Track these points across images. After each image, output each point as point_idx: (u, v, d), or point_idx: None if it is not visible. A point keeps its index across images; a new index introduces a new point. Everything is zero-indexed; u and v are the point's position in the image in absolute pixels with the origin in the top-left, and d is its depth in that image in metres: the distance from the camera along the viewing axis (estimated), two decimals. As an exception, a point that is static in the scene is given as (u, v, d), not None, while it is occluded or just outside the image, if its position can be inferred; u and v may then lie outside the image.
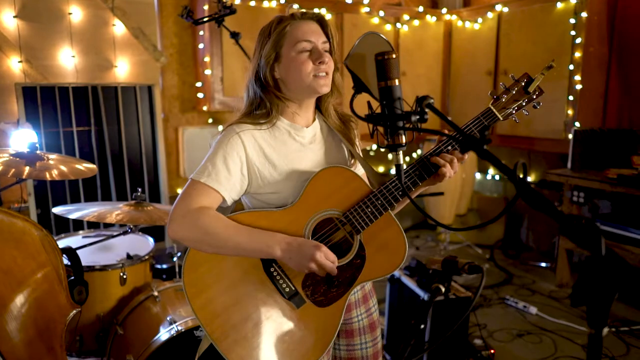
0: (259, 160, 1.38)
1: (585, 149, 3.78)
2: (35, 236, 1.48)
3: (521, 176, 0.74)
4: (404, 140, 1.16)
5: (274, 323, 1.37)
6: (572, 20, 3.87)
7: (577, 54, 3.87)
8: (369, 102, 1.19)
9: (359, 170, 1.50)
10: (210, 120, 4.35)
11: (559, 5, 3.97)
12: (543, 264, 4.39)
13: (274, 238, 1.31)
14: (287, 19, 1.39)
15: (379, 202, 1.34)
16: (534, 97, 1.44)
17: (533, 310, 3.45)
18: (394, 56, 1.14)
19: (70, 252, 1.80)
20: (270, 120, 1.40)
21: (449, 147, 1.36)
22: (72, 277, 1.78)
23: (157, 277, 3.01)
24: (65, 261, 1.79)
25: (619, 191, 3.41)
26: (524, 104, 1.44)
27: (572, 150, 3.81)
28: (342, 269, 1.37)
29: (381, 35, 1.22)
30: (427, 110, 0.96)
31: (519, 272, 4.23)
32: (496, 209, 5.01)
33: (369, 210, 1.34)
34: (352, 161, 1.51)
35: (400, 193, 1.34)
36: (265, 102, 1.40)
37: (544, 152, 4.53)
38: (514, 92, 1.43)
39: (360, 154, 1.53)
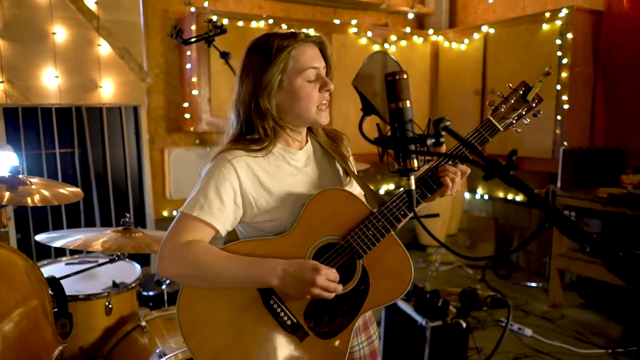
0: (254, 189, 1.31)
1: (574, 168, 3.79)
2: (20, 267, 1.39)
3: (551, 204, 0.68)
4: (416, 165, 1.11)
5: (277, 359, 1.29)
6: (558, 41, 3.91)
7: (564, 74, 3.91)
8: (378, 125, 1.14)
9: (355, 188, 1.44)
10: (197, 141, 4.27)
11: (545, 26, 4.02)
12: (534, 284, 4.36)
13: (269, 265, 1.23)
14: (289, 40, 1.30)
15: (380, 223, 1.28)
16: (534, 105, 1.39)
17: (528, 332, 3.40)
18: (405, 76, 1.09)
19: (54, 282, 1.70)
20: (266, 148, 1.32)
21: (450, 162, 1.31)
22: (56, 309, 1.67)
23: (144, 304, 2.90)
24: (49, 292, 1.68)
25: (610, 210, 3.41)
26: (523, 112, 1.39)
27: (561, 170, 3.82)
28: (345, 297, 1.30)
29: (390, 54, 1.17)
30: (443, 133, 0.90)
31: (511, 293, 4.19)
32: (486, 229, 4.99)
33: (370, 232, 1.27)
34: (348, 179, 1.45)
35: (402, 213, 1.28)
36: (259, 128, 1.32)
37: (533, 172, 4.53)
38: (512, 101, 1.38)
39: (355, 171, 1.47)
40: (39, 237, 2.03)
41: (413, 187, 1.13)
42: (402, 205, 1.27)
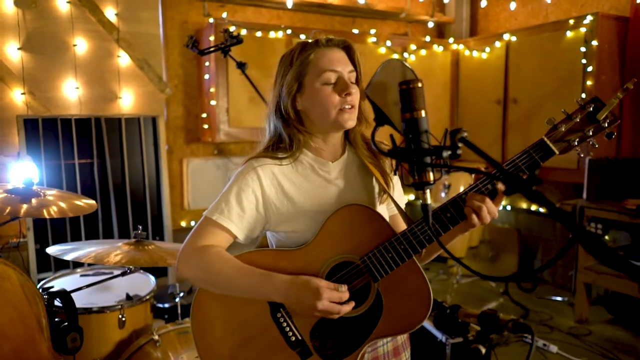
0: (277, 197, 1.29)
1: (600, 179, 3.67)
2: (15, 281, 1.37)
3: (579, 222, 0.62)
4: (432, 178, 1.04)
5: None
6: (583, 49, 3.81)
7: (589, 82, 3.80)
8: (391, 136, 1.08)
9: (391, 208, 1.38)
10: (215, 152, 4.27)
11: (569, 34, 3.92)
12: (559, 298, 4.22)
13: (275, 282, 1.20)
14: (311, 46, 1.29)
15: (402, 247, 1.19)
16: (605, 125, 1.18)
17: (554, 349, 3.27)
18: (420, 85, 1.04)
19: (64, 295, 1.68)
20: (292, 155, 1.30)
21: (489, 186, 1.17)
22: (66, 323, 1.65)
23: (159, 317, 2.88)
24: (59, 304, 1.67)
25: (638, 222, 3.28)
26: (590, 134, 1.18)
27: (587, 180, 3.69)
28: (355, 321, 1.23)
29: (405, 62, 1.12)
30: (460, 145, 0.85)
31: (535, 307, 4.06)
32: (508, 240, 4.86)
33: (390, 255, 1.20)
34: (384, 197, 1.36)
35: (427, 238, 1.17)
36: (285, 136, 1.31)
37: (556, 182, 4.41)
38: (577, 121, 1.18)
39: (399, 190, 1.40)
40: (51, 250, 2.02)
41: (429, 201, 1.07)
42: (428, 229, 1.17)
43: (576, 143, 1.18)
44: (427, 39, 4.81)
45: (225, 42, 2.49)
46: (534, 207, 4.72)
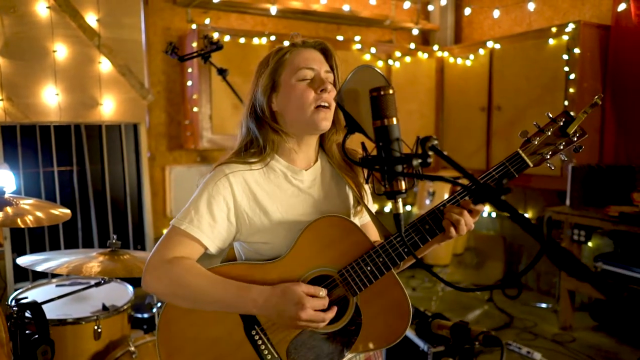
0: (249, 206, 1.24)
1: (583, 186, 3.69)
2: None
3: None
4: (403, 187, 1.02)
5: None
6: (565, 57, 3.84)
7: (571, 90, 3.82)
8: (363, 144, 1.06)
9: (366, 219, 1.34)
10: (198, 159, 4.23)
11: (551, 41, 3.95)
12: (544, 305, 4.22)
13: (250, 293, 1.15)
14: (288, 47, 1.26)
15: (381, 260, 1.16)
16: (574, 139, 1.20)
17: (537, 356, 3.26)
18: (391, 91, 1.02)
19: (34, 307, 1.63)
20: (264, 159, 1.25)
21: (466, 198, 1.15)
22: (36, 336, 1.60)
23: (138, 327, 2.82)
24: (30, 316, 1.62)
25: (621, 229, 3.30)
26: (560, 147, 1.20)
27: (570, 187, 3.71)
28: (333, 336, 1.19)
29: (376, 68, 1.09)
30: (430, 153, 0.83)
31: (519, 314, 4.06)
32: (494, 247, 4.87)
33: (368, 269, 1.16)
34: (359, 208, 1.33)
35: (406, 250, 1.14)
36: (259, 138, 1.26)
37: (540, 189, 4.43)
38: (548, 134, 1.19)
39: (369, 201, 1.36)
40: (21, 261, 1.95)
41: (401, 210, 1.05)
42: (407, 241, 1.15)
43: (549, 156, 1.19)
44: (412, 46, 4.83)
45: (205, 48, 2.46)
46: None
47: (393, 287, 1.18)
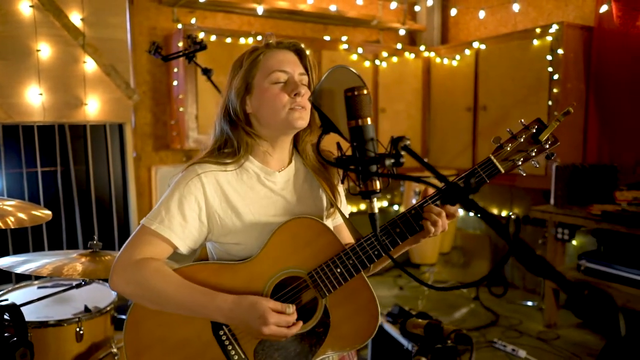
0: (221, 207, 1.23)
1: (567, 185, 3.73)
2: None
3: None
4: (378, 187, 1.03)
5: None
6: (549, 57, 3.87)
7: (555, 90, 3.86)
8: (338, 144, 1.06)
9: (338, 221, 1.35)
10: (184, 159, 4.21)
11: (536, 42, 3.98)
12: (530, 303, 4.26)
13: (215, 302, 1.15)
14: (261, 48, 1.25)
15: (351, 262, 1.16)
16: (547, 146, 1.22)
17: (522, 353, 3.29)
18: (365, 92, 1.02)
19: (12, 309, 1.61)
20: (238, 160, 1.25)
21: (438, 201, 1.17)
22: (15, 338, 1.59)
23: (122, 329, 2.80)
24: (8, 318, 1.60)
25: (603, 227, 3.34)
26: (532, 154, 1.22)
27: (554, 186, 3.75)
28: (301, 338, 1.19)
29: (351, 68, 1.09)
30: (403, 153, 0.83)
31: (505, 312, 4.09)
32: (480, 246, 4.90)
33: (338, 271, 1.17)
34: (332, 210, 1.33)
35: (376, 253, 1.15)
36: (233, 140, 1.25)
37: (526, 189, 4.46)
38: (521, 141, 1.22)
39: (343, 202, 1.37)
40: (0, 263, 1.93)
41: (376, 210, 1.06)
42: (377, 244, 1.15)
43: (520, 163, 1.21)
44: (399, 46, 4.84)
45: (188, 48, 2.45)
46: (504, 213, 4.77)
47: (362, 289, 1.19)
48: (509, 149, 1.21)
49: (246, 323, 1.13)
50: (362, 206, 4.80)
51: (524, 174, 1.24)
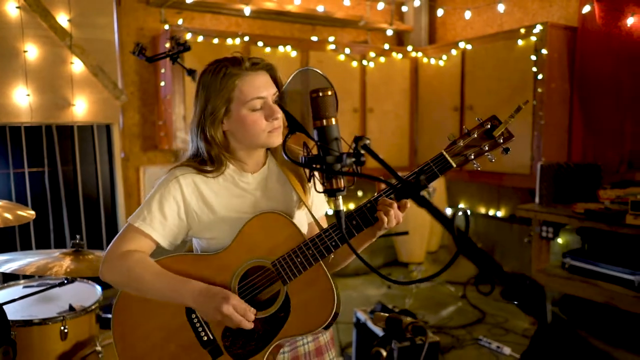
0: (198, 205, 1.36)
1: (552, 184, 3.77)
2: None
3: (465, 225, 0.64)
4: (342, 185, 1.07)
5: None
6: (533, 57, 3.92)
7: (540, 90, 3.91)
8: (304, 143, 1.10)
9: (318, 216, 1.43)
10: (173, 159, 4.23)
11: (520, 42, 4.03)
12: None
13: (186, 287, 1.28)
14: (236, 68, 1.30)
15: (310, 252, 1.26)
16: (500, 141, 1.28)
17: (507, 350, 3.34)
18: (330, 93, 1.06)
19: (-6, 307, 1.64)
20: (218, 170, 1.36)
21: (392, 196, 1.24)
22: (-3, 336, 1.61)
23: (108, 327, 2.81)
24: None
25: (587, 226, 3.38)
26: (485, 149, 1.28)
27: (539, 185, 3.79)
28: (264, 322, 1.30)
29: (318, 70, 1.14)
30: (363, 152, 0.86)
31: (492, 310, 4.13)
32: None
33: (299, 260, 1.27)
34: (303, 204, 1.42)
35: (334, 244, 1.25)
36: (211, 156, 1.34)
37: (513, 188, 4.51)
38: (474, 137, 1.28)
39: (318, 198, 1.46)
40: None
41: (341, 207, 1.10)
42: (335, 235, 1.25)
43: (472, 157, 1.27)
44: (387, 46, 4.88)
45: (172, 49, 2.48)
46: (491, 212, 4.82)
47: (321, 278, 1.28)
48: (461, 144, 1.28)
49: (210, 303, 1.23)
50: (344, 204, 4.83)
51: (479, 168, 1.30)
